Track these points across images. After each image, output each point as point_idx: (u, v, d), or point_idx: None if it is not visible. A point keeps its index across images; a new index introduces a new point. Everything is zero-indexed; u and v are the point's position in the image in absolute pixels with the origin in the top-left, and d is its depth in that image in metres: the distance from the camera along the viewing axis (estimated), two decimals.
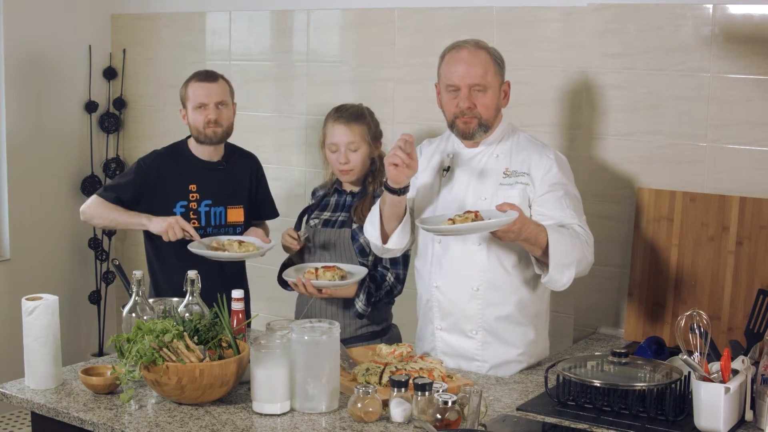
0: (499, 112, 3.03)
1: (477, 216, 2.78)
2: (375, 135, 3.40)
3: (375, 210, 3.10)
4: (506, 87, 3.04)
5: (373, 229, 3.08)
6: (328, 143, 3.37)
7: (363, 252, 3.33)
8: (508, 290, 2.99)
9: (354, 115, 3.36)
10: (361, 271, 3.26)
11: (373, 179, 3.39)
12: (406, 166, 2.83)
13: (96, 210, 3.59)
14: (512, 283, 2.99)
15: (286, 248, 3.48)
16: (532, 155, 3.00)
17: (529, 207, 2.95)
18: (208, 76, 3.59)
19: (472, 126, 2.97)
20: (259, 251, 3.45)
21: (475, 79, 2.93)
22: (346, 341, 3.28)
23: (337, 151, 3.34)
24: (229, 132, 3.63)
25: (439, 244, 3.04)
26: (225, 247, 3.42)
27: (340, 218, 3.39)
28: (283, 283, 3.51)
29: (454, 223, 2.77)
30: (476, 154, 3.04)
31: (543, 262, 2.88)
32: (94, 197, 3.63)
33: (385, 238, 3.08)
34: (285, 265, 3.50)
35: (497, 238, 2.84)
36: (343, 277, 3.20)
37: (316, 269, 3.22)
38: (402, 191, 2.94)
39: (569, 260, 2.85)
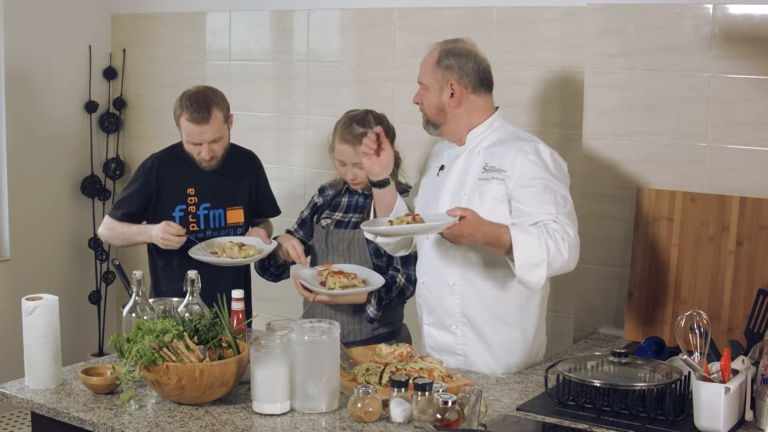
0: (445, 112, 3.02)
1: (414, 219, 2.82)
2: None
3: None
4: (451, 88, 2.99)
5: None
6: (336, 156, 3.36)
7: (378, 253, 3.32)
8: (485, 287, 2.99)
9: (361, 134, 3.29)
10: (375, 281, 3.24)
11: None
12: (374, 154, 2.93)
13: (109, 232, 3.61)
14: (488, 280, 2.99)
15: (284, 254, 3.47)
16: (510, 150, 2.96)
17: (508, 203, 2.94)
18: (199, 114, 3.42)
19: (423, 123, 3.08)
20: (261, 254, 3.44)
21: (419, 78, 3.05)
22: (363, 342, 3.28)
23: (344, 166, 3.34)
24: (225, 153, 3.57)
25: (427, 240, 3.08)
26: (225, 251, 3.41)
27: (353, 219, 3.39)
28: (260, 269, 3.55)
29: (392, 225, 2.83)
30: (462, 152, 3.06)
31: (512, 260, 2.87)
32: (105, 217, 3.65)
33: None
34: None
35: (450, 241, 2.84)
36: (354, 284, 3.18)
37: (326, 275, 3.20)
38: (381, 184, 2.99)
39: (537, 259, 2.80)
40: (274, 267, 3.55)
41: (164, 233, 3.41)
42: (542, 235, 2.81)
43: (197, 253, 3.41)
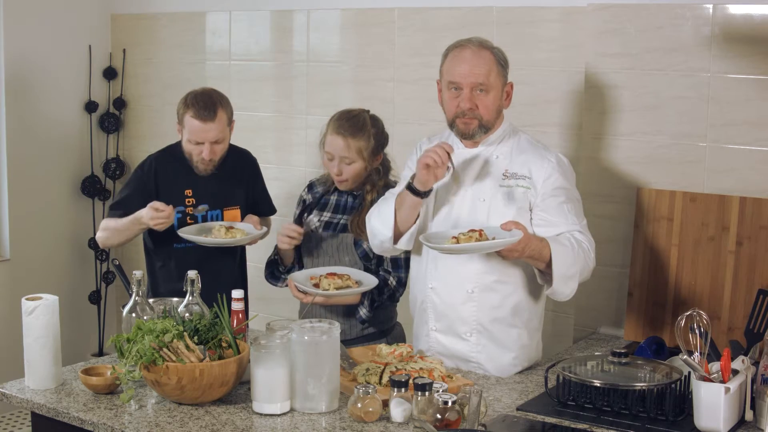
0: (500, 114, 3.02)
1: (481, 235, 2.78)
2: (375, 148, 3.30)
3: (388, 209, 3.03)
4: (509, 88, 3.01)
5: (386, 229, 3.02)
6: (325, 149, 3.34)
7: (366, 257, 3.31)
8: (504, 293, 2.98)
9: (354, 127, 3.27)
10: (369, 281, 3.22)
11: (372, 188, 3.33)
12: (436, 166, 2.83)
13: (104, 232, 3.57)
14: (507, 286, 2.98)
15: (282, 243, 3.38)
16: (534, 158, 2.97)
17: (530, 210, 2.94)
18: (206, 112, 3.43)
19: (472, 127, 2.95)
20: (247, 237, 3.44)
21: (479, 79, 2.91)
22: (352, 342, 3.28)
23: (332, 160, 3.31)
24: (222, 157, 3.56)
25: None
26: (213, 233, 3.43)
27: (341, 221, 3.38)
28: (271, 278, 3.53)
29: (458, 241, 2.77)
30: (476, 155, 3.02)
31: (546, 273, 2.88)
32: (102, 222, 3.62)
33: (396, 238, 3.05)
34: (271, 262, 3.49)
35: (501, 257, 2.84)
36: (348, 285, 3.19)
37: (319, 277, 3.21)
38: (426, 194, 2.92)
39: (572, 272, 2.86)
40: (284, 273, 3.53)
41: (154, 219, 3.39)
42: (574, 247, 2.87)
43: (186, 232, 3.43)
